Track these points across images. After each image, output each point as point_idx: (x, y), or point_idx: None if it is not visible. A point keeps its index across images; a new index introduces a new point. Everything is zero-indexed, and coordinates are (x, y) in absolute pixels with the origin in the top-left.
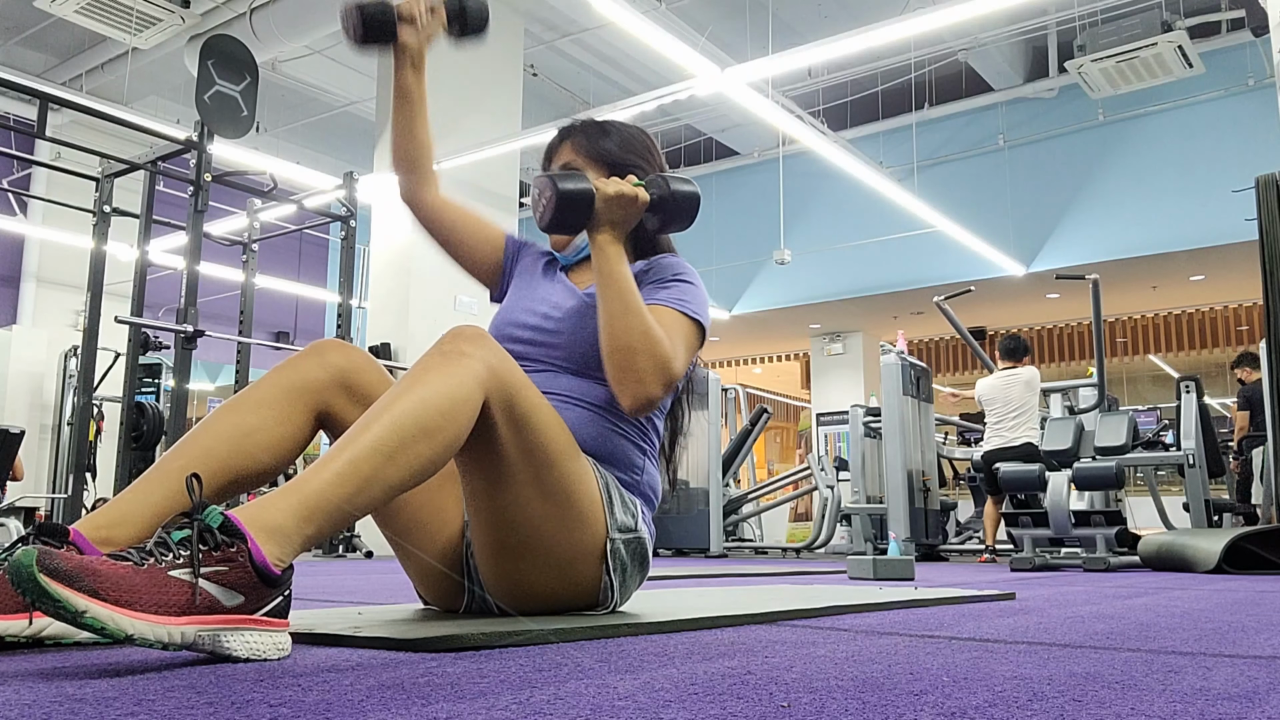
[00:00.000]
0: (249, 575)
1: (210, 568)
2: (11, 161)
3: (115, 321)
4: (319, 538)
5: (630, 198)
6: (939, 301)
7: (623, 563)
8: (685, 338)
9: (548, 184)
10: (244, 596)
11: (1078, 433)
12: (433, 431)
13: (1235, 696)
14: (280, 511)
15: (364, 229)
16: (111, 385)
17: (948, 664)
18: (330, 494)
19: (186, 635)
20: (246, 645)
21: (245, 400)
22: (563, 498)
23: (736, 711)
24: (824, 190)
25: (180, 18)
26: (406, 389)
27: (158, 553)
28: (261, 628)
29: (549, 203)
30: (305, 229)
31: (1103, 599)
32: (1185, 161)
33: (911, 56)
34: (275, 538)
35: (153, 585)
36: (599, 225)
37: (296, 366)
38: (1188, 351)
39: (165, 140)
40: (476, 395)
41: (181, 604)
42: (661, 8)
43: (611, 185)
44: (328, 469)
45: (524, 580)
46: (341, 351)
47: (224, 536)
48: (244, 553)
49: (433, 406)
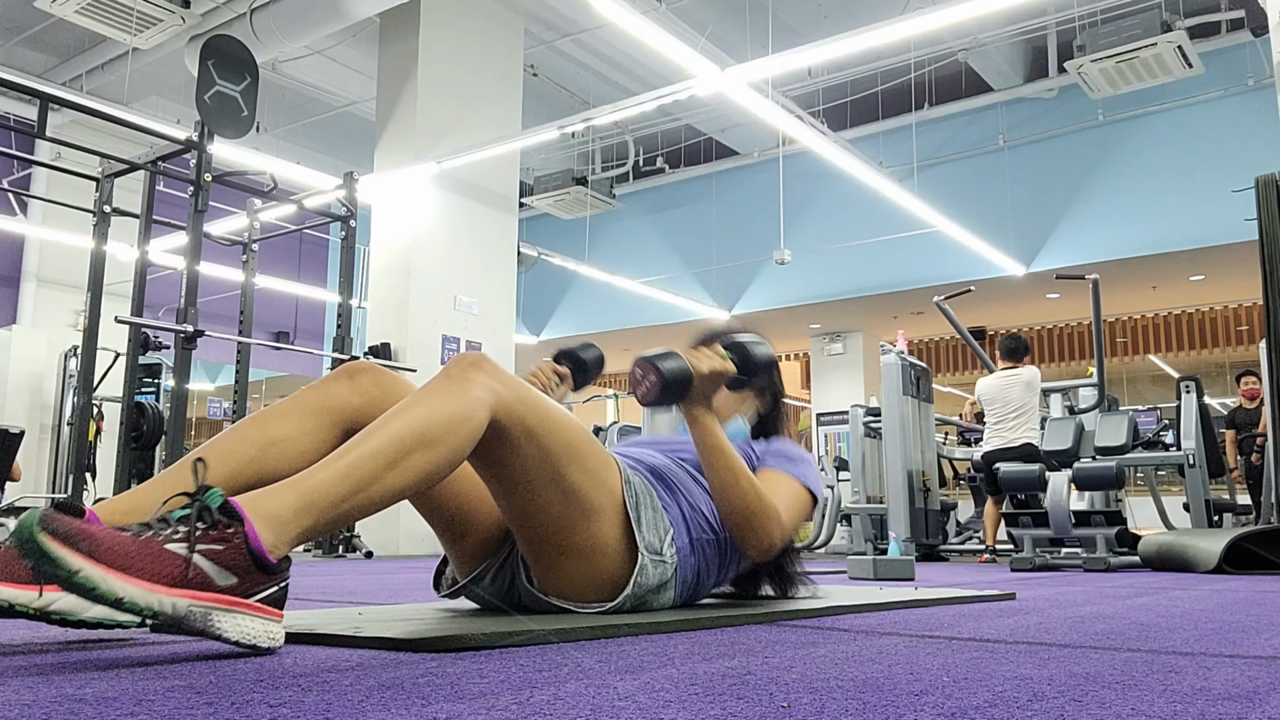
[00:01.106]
0: (244, 557)
1: (206, 545)
2: (11, 161)
3: (115, 321)
4: (315, 532)
5: (721, 372)
6: (939, 301)
7: (648, 578)
8: (800, 502)
9: (650, 367)
10: (237, 578)
11: (1078, 433)
12: (433, 443)
13: (1235, 696)
14: (279, 502)
15: (364, 229)
16: (111, 385)
17: (948, 664)
18: (329, 491)
19: (178, 607)
20: (238, 627)
21: (273, 413)
22: (580, 495)
23: (736, 711)
24: (824, 190)
25: (180, 18)
26: (412, 404)
27: (156, 526)
28: (254, 613)
29: (653, 386)
30: (305, 229)
31: (1103, 599)
32: (1185, 161)
33: (911, 56)
34: (272, 525)
35: (147, 554)
36: (695, 401)
37: (328, 388)
38: (1188, 351)
39: (165, 140)
40: (479, 413)
41: (174, 575)
42: (661, 8)
43: (704, 361)
44: (330, 469)
45: (558, 568)
46: (373, 376)
47: (222, 516)
48: (240, 534)
49: (434, 422)
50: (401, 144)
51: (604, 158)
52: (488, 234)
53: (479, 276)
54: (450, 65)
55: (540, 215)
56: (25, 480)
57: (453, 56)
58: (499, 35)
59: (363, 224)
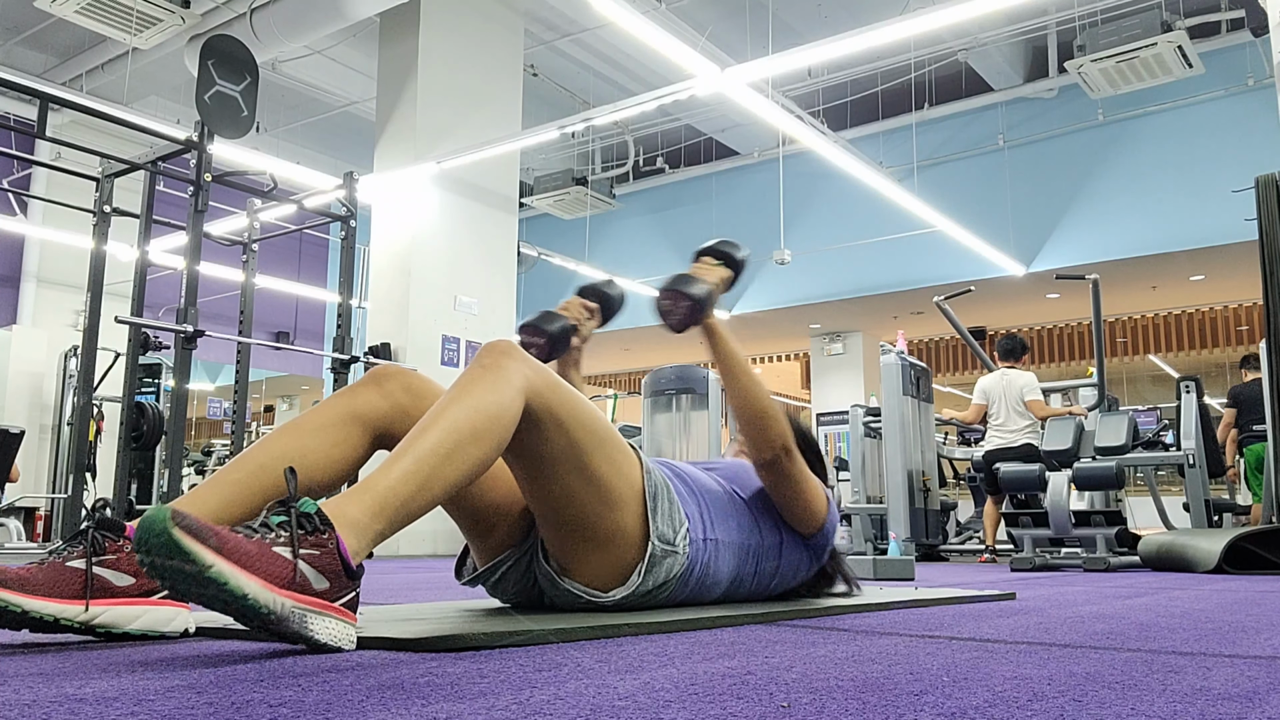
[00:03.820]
0: (336, 563)
1: (306, 550)
2: (11, 161)
3: (115, 321)
4: (387, 534)
5: (725, 279)
6: (939, 301)
7: (657, 565)
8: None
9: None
10: (329, 583)
11: (1078, 433)
12: (482, 434)
13: (1235, 696)
14: (356, 507)
15: (364, 229)
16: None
17: (948, 664)
18: (398, 491)
19: (285, 608)
20: (328, 630)
21: (304, 424)
22: (601, 483)
23: (736, 711)
24: (824, 190)
25: (180, 18)
26: (456, 398)
27: (262, 530)
28: (340, 616)
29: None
30: (305, 229)
31: (1103, 599)
32: (1185, 161)
33: (911, 56)
34: (355, 531)
35: (264, 556)
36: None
37: (357, 394)
38: (1188, 351)
39: (165, 140)
40: (518, 401)
41: (286, 577)
42: (661, 8)
43: (713, 273)
44: (394, 469)
45: (574, 549)
46: (401, 381)
47: (319, 523)
48: (333, 540)
49: (481, 412)
50: (401, 144)
51: (604, 158)
52: (488, 234)
53: (479, 276)
54: (450, 65)
55: (540, 215)
56: (25, 480)
57: (453, 56)
58: (499, 35)
59: (363, 224)
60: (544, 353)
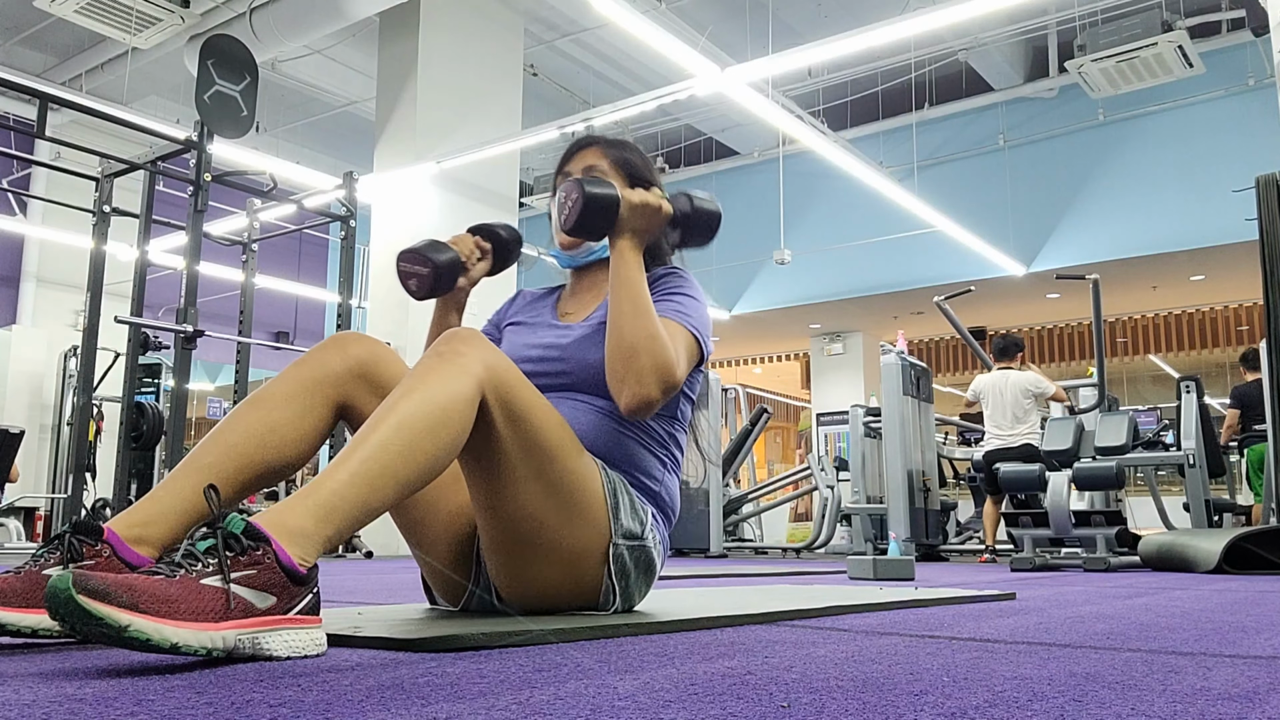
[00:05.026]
0: (278, 576)
1: (239, 572)
2: (11, 161)
3: (115, 321)
4: (339, 537)
5: (655, 207)
6: (939, 301)
7: (625, 569)
8: (686, 347)
9: (574, 187)
10: (275, 597)
11: (1078, 433)
12: (437, 428)
13: (1235, 696)
14: (299, 514)
15: (364, 229)
16: (111, 385)
17: (948, 664)
18: (346, 494)
19: (228, 640)
20: (286, 644)
21: (269, 396)
22: (564, 493)
23: (736, 711)
24: (824, 190)
25: (180, 18)
26: (409, 390)
27: (187, 564)
28: (297, 625)
29: (574, 205)
30: (305, 229)
31: (1103, 599)
32: (1185, 161)
33: (911, 56)
34: (297, 540)
35: (188, 594)
36: (621, 232)
37: (318, 358)
38: (1188, 351)
39: (165, 140)
40: (474, 392)
41: (218, 610)
42: (661, 7)
43: (637, 194)
44: (342, 470)
45: (529, 577)
46: (362, 344)
47: (249, 541)
48: (270, 554)
49: (435, 404)
50: (401, 144)
51: None
52: None
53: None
54: (450, 65)
55: (540, 215)
56: (25, 480)
57: (453, 56)
58: (499, 35)
59: (363, 224)
60: (426, 285)
